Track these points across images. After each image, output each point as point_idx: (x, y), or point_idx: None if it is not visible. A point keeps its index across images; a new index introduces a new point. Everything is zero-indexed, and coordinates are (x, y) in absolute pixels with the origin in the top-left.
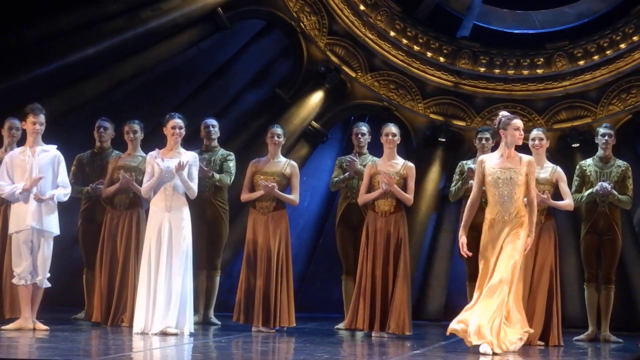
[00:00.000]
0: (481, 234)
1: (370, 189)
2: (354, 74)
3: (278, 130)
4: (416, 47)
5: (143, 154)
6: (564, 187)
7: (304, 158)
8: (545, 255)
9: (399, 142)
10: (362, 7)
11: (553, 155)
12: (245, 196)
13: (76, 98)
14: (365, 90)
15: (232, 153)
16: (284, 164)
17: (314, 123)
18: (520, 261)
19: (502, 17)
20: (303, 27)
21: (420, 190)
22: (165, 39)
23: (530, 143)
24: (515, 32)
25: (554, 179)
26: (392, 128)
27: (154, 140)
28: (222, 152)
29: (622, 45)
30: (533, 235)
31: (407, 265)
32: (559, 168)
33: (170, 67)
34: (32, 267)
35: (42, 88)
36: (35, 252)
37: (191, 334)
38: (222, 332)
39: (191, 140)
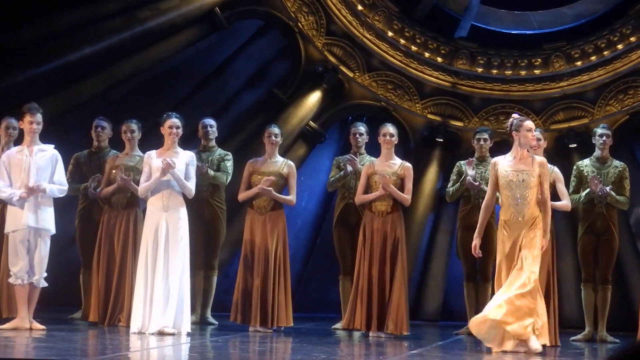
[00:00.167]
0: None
1: (368, 189)
2: (351, 74)
3: (275, 130)
4: (414, 48)
5: (140, 154)
6: (561, 187)
7: (302, 158)
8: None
9: (396, 142)
10: (359, 7)
11: (550, 156)
12: (242, 195)
13: (74, 97)
14: (363, 91)
15: (229, 153)
16: (281, 163)
17: (311, 123)
18: (538, 265)
19: (499, 17)
20: (301, 27)
21: (418, 191)
22: (163, 39)
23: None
24: (512, 32)
25: (551, 180)
26: (389, 128)
27: (152, 139)
28: (219, 151)
29: (620, 46)
30: (549, 235)
31: (404, 265)
32: (556, 168)
33: (168, 67)
34: (28, 267)
35: (39, 87)
36: (32, 251)
37: (188, 334)
38: (219, 332)
39: (189, 140)
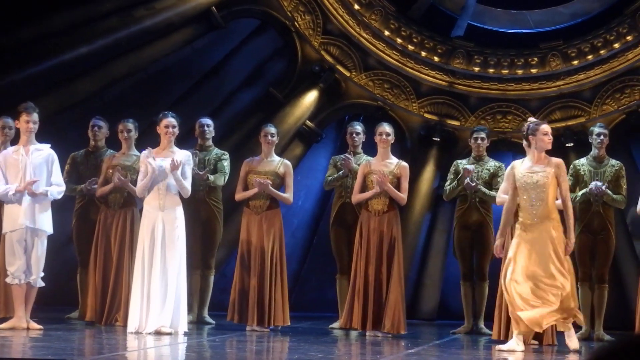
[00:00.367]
0: (474, 232)
1: (364, 189)
2: (348, 74)
3: (271, 129)
4: (410, 47)
5: (137, 153)
6: None
7: (299, 157)
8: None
9: (392, 141)
10: (356, 7)
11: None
12: (240, 195)
13: (70, 97)
14: (359, 90)
15: (226, 152)
16: (278, 163)
17: (308, 122)
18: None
19: (496, 16)
20: (297, 26)
21: (415, 190)
22: (159, 38)
23: (524, 143)
24: (509, 31)
25: None
26: (386, 127)
27: (148, 139)
28: (216, 151)
29: (616, 45)
30: (573, 237)
31: (401, 264)
32: None
33: (164, 66)
34: (25, 266)
35: (36, 87)
36: (29, 251)
37: (185, 333)
38: (216, 332)
39: (185, 140)
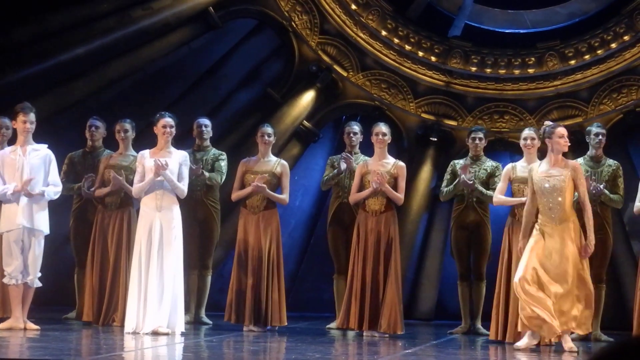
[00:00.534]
0: (472, 232)
1: (361, 189)
2: (345, 74)
3: (268, 129)
4: (408, 47)
5: (134, 153)
6: None
7: (296, 157)
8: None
9: (389, 141)
10: (353, 7)
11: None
12: (236, 194)
13: (67, 97)
14: (356, 90)
15: (224, 153)
16: (274, 163)
17: (305, 122)
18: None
19: (493, 16)
20: (294, 26)
21: (412, 190)
22: (156, 39)
23: (521, 143)
24: (506, 31)
25: None
26: (382, 127)
27: (146, 139)
28: (214, 151)
29: (613, 45)
30: (593, 239)
31: (398, 264)
32: None
33: (162, 66)
34: (22, 267)
35: (33, 87)
36: (26, 251)
37: (182, 334)
38: (213, 332)
39: (182, 140)
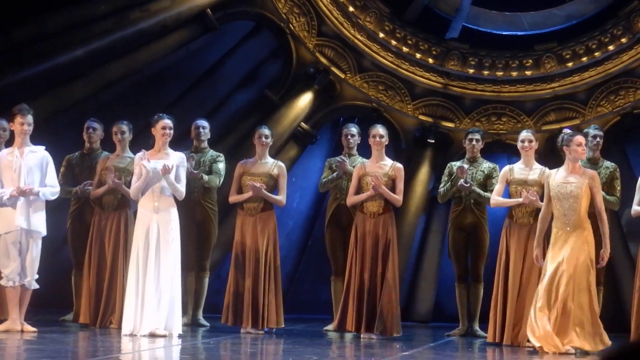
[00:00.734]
0: (469, 234)
1: (359, 190)
2: (343, 75)
3: (266, 131)
4: (405, 49)
5: (131, 155)
6: None
7: (293, 159)
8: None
9: (386, 143)
10: (351, 9)
11: (542, 157)
12: (233, 198)
13: (65, 99)
14: (354, 92)
15: (221, 154)
16: (272, 164)
17: (303, 124)
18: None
19: (491, 18)
20: (292, 28)
21: (410, 192)
22: (154, 40)
23: (519, 145)
24: (504, 33)
25: (542, 181)
26: (379, 129)
27: (143, 141)
28: (211, 153)
29: (611, 47)
30: (609, 246)
31: (395, 266)
32: (547, 170)
33: (160, 68)
34: (20, 269)
35: (30, 89)
36: (23, 253)
37: (180, 336)
38: (210, 334)
39: (180, 141)
